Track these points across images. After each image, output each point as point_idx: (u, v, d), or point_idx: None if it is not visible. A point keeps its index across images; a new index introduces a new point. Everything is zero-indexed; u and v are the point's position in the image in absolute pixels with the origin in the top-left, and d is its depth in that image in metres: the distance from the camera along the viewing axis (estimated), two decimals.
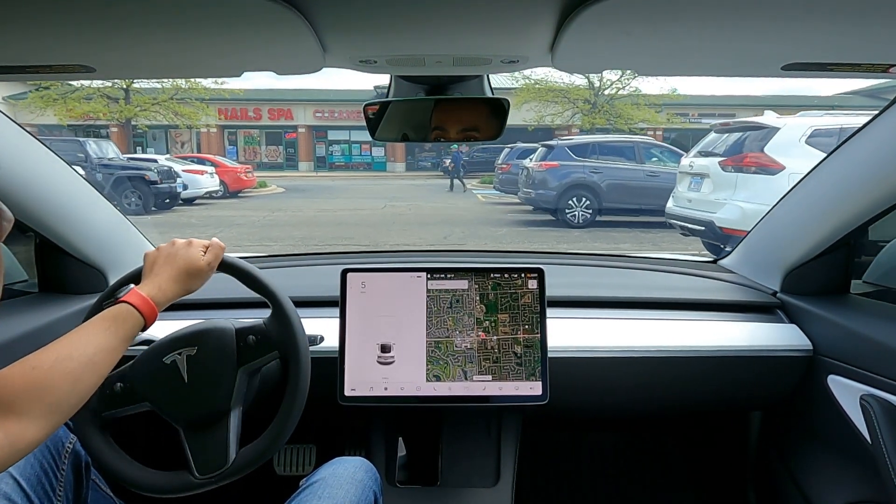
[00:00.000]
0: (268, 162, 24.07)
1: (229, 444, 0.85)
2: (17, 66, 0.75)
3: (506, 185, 11.79)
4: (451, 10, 0.60)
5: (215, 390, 0.87)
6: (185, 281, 0.83)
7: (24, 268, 1.23)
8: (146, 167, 10.30)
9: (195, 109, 17.58)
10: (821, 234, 1.14)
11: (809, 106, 5.21)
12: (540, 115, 19.25)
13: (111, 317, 0.72)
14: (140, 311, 0.74)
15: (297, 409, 0.87)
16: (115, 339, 0.70)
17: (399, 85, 0.99)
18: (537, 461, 1.58)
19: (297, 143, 23.88)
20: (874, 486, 1.01)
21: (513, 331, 1.06)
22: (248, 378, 0.90)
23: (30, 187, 1.04)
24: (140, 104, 17.07)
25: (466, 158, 19.71)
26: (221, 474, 0.84)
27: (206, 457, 0.85)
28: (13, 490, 0.76)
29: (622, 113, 18.69)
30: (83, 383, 0.65)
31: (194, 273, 0.84)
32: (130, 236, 1.34)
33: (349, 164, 24.33)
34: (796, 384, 1.17)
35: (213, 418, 0.86)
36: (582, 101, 19.12)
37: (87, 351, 0.66)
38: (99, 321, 0.71)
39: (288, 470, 1.49)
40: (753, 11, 0.57)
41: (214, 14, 0.59)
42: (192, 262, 0.84)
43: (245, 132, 24.11)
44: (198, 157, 14.70)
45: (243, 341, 0.89)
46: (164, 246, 0.87)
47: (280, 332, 0.89)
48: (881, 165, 0.98)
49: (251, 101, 22.51)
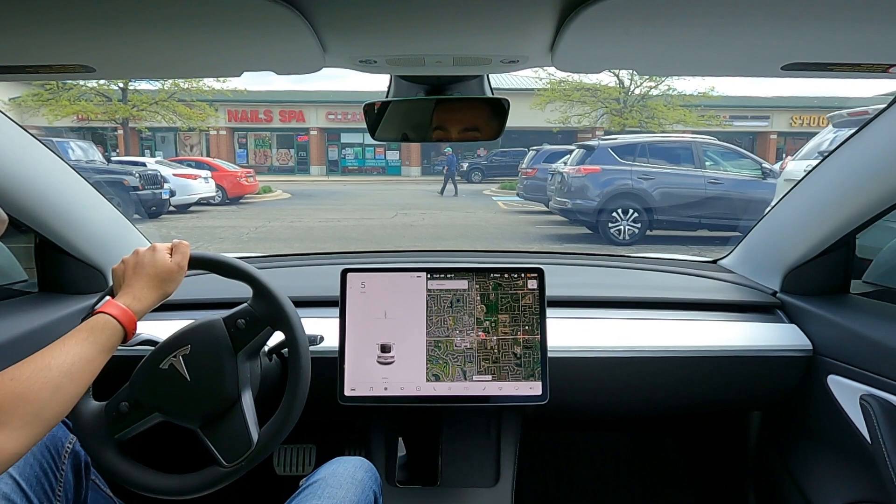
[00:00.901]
0: (279, 165, 23.46)
1: (248, 426, 0.85)
2: (17, 66, 0.75)
3: (531, 191, 10.45)
4: (450, 10, 0.60)
5: (220, 380, 0.87)
6: (159, 286, 0.83)
7: (24, 268, 1.23)
8: (126, 172, 9.28)
9: (197, 110, 16.92)
10: (821, 234, 1.14)
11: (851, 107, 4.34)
12: (565, 115, 18.09)
13: (88, 328, 0.73)
14: (118, 320, 0.75)
15: (304, 373, 0.88)
16: (93, 348, 0.71)
17: (399, 85, 0.99)
18: (537, 461, 1.58)
19: (309, 146, 23.09)
20: (874, 486, 1.01)
21: (513, 331, 1.05)
22: (248, 361, 0.90)
23: (30, 187, 1.04)
24: (136, 103, 16.29)
25: (485, 162, 19.30)
26: (249, 456, 0.84)
27: (229, 444, 0.85)
28: (13, 490, 0.76)
29: (655, 113, 17.33)
30: (63, 392, 0.65)
31: (166, 277, 0.84)
32: (130, 236, 1.34)
33: (363, 168, 23.47)
34: (796, 384, 1.17)
35: (225, 407, 0.86)
36: (612, 101, 17.74)
37: (65, 360, 0.67)
38: (76, 332, 0.72)
39: (288, 470, 1.49)
40: (753, 11, 0.57)
41: (214, 14, 0.59)
42: (160, 267, 0.84)
43: (256, 135, 23.42)
44: (195, 161, 13.70)
45: (234, 327, 0.89)
46: (128, 257, 0.87)
47: (265, 306, 0.90)
48: (881, 165, 0.98)
49: (262, 103, 21.81)
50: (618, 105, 17.65)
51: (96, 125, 17.94)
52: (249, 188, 13.26)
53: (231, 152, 22.32)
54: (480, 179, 18.74)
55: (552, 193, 8.26)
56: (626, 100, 17.61)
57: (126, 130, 17.32)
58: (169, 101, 16.42)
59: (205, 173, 11.50)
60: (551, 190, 8.37)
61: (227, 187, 12.44)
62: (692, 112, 17.51)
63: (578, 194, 7.43)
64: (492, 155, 19.83)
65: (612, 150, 7.52)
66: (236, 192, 12.75)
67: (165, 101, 16.39)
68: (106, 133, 20.32)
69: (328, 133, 23.04)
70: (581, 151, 7.89)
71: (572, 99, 17.57)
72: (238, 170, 13.56)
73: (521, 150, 18.77)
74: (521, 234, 8.35)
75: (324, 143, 23.13)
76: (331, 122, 22.50)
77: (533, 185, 10.34)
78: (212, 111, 17.39)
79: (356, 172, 23.15)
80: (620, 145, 7.76)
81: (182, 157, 15.69)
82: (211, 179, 11.56)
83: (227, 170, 13.16)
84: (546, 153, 10.93)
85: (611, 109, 17.78)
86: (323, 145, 23.13)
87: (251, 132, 23.21)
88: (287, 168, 23.29)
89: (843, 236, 1.11)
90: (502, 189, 15.67)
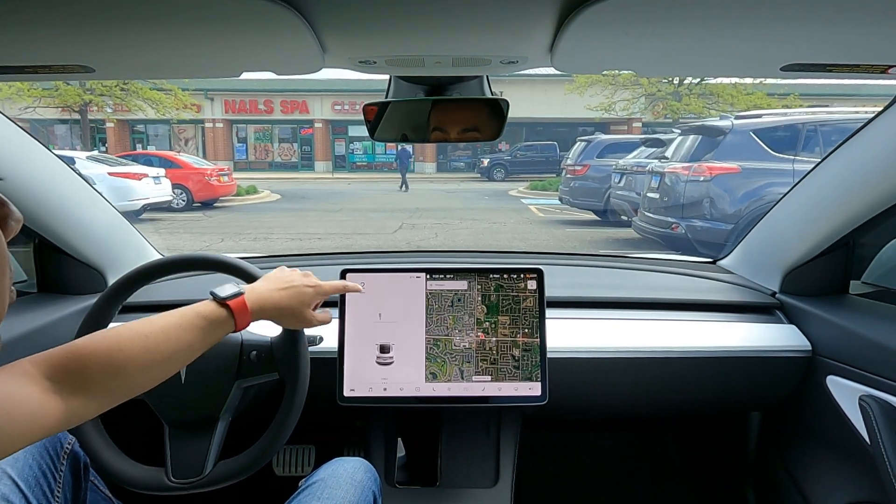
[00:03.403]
0: (281, 161, 21.33)
1: (209, 454, 0.85)
2: (17, 66, 0.75)
3: (581, 195, 8.13)
4: (450, 11, 0.60)
5: (208, 398, 0.87)
6: (281, 316, 0.81)
7: (24, 268, 1.23)
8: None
9: (172, 97, 14.37)
10: (820, 235, 1.14)
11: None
12: (609, 100, 15.07)
13: (209, 318, 0.70)
14: (235, 321, 0.73)
15: (285, 433, 0.87)
16: (204, 341, 0.69)
17: (398, 85, 0.99)
18: (537, 462, 1.58)
19: (314, 140, 20.76)
20: (873, 487, 1.01)
21: (512, 333, 1.05)
22: (242, 392, 0.90)
23: (29, 188, 1.04)
24: (92, 87, 13.72)
25: (508, 157, 17.21)
26: (194, 483, 0.84)
27: (184, 462, 0.85)
28: (11, 491, 0.76)
29: (722, 95, 14.08)
30: (153, 376, 0.64)
31: (291, 316, 0.82)
32: (130, 237, 1.34)
33: (372, 165, 21.13)
34: (795, 385, 1.17)
35: (200, 424, 0.86)
36: (667, 82, 14.60)
37: (174, 347, 0.65)
38: (196, 318, 0.69)
39: (287, 470, 1.49)
40: (753, 12, 0.57)
41: (214, 14, 0.59)
42: (302, 308, 0.81)
43: (255, 127, 21.13)
44: (158, 156, 11.51)
45: (246, 355, 0.89)
46: (301, 273, 0.85)
47: (285, 354, 0.89)
48: (881, 165, 0.98)
49: (261, 93, 19.55)
50: (671, 87, 14.68)
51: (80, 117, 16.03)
52: (223, 189, 11.13)
53: (229, 147, 20.67)
54: (503, 177, 16.67)
55: (644, 207, 5.27)
56: (681, 82, 14.51)
57: (84, 119, 14.92)
58: (130, 85, 13.94)
59: (155, 172, 9.29)
60: (623, 196, 5.92)
61: (192, 189, 10.39)
62: (771, 97, 14.10)
63: (697, 209, 4.51)
64: (515, 149, 17.65)
65: (756, 137, 4.44)
66: (205, 195, 10.66)
67: (124, 86, 13.92)
68: (97, 126, 18.57)
69: (334, 125, 20.86)
70: (694, 139, 4.83)
71: (616, 84, 14.63)
72: (209, 167, 11.31)
73: (549, 144, 17.23)
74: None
75: (329, 136, 21.01)
76: (337, 114, 20.24)
77: (583, 188, 8.05)
78: (185, 97, 14.90)
79: (365, 169, 21.04)
80: (770, 128, 4.56)
81: (139, 152, 13.76)
82: (164, 179, 9.41)
83: (194, 167, 10.94)
84: (601, 145, 8.49)
85: (662, 94, 14.95)
86: (328, 139, 21.01)
87: (251, 124, 21.12)
88: (290, 164, 21.29)
89: (843, 237, 1.11)
90: (532, 189, 13.27)
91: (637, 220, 5.50)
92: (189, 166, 10.83)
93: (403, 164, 14.94)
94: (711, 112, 14.02)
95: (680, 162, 4.78)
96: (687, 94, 14.54)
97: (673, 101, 14.69)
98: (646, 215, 5.01)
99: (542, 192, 12.44)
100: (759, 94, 14.18)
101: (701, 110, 14.32)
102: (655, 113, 16.01)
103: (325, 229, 8.08)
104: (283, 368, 0.89)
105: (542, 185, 13.13)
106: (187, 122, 18.66)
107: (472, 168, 20.01)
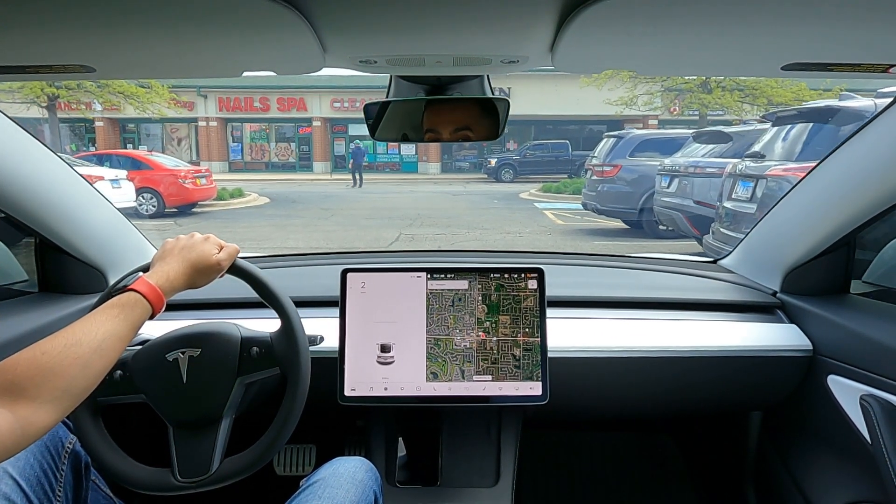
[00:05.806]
0: (278, 162, 20.60)
1: (215, 451, 0.85)
2: (17, 66, 0.75)
3: (609, 200, 6.97)
4: (450, 11, 0.60)
5: (211, 396, 0.87)
6: (193, 276, 0.84)
7: (25, 267, 1.23)
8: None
9: (151, 93, 13.28)
10: (821, 234, 1.14)
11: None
12: (630, 94, 13.85)
13: (120, 304, 0.72)
14: (148, 300, 0.75)
15: (289, 427, 0.87)
16: (124, 325, 0.71)
17: (399, 85, 0.99)
18: (537, 461, 1.58)
19: (312, 140, 19.92)
20: (874, 487, 1.01)
21: (513, 333, 1.05)
22: (244, 388, 0.90)
23: (30, 187, 1.04)
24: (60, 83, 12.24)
25: (517, 157, 16.39)
26: (202, 481, 0.84)
27: (190, 461, 0.85)
28: (12, 490, 0.76)
29: (759, 87, 12.67)
30: (92, 368, 0.66)
31: (204, 269, 0.84)
32: (131, 236, 1.34)
33: (373, 165, 20.02)
34: (796, 384, 1.17)
35: (204, 423, 0.86)
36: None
37: (96, 337, 0.67)
38: (107, 308, 0.71)
39: (288, 470, 1.49)
40: (753, 11, 0.57)
41: (214, 14, 0.59)
42: (204, 258, 0.84)
43: (251, 126, 20.36)
44: (127, 156, 10.45)
45: (247, 352, 0.89)
46: (184, 237, 0.87)
47: (285, 349, 0.89)
48: (881, 165, 0.98)
49: (257, 89, 18.80)
50: (701, 78, 13.05)
51: (74, 116, 15.45)
52: (200, 193, 10.01)
53: (223, 146, 19.98)
54: (512, 178, 15.96)
55: (719, 221, 4.08)
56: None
57: (53, 115, 13.59)
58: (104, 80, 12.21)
59: (114, 174, 8.50)
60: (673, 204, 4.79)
61: (163, 192, 9.40)
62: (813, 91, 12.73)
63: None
64: (525, 148, 16.72)
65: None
66: (179, 200, 9.65)
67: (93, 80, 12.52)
68: (86, 125, 18.04)
69: (333, 124, 20.04)
70: (802, 129, 3.62)
71: (637, 77, 12.67)
72: (184, 168, 10.25)
73: (561, 143, 16.43)
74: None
75: (328, 135, 20.12)
76: (336, 112, 19.41)
77: (613, 192, 6.90)
78: (164, 90, 13.89)
79: (366, 169, 19.27)
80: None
81: (101, 152, 12.57)
82: (125, 182, 8.59)
83: (167, 168, 9.85)
84: (634, 142, 7.20)
85: (692, 85, 13.52)
86: (327, 138, 20.14)
87: (246, 123, 20.33)
88: (288, 164, 20.58)
89: (844, 236, 1.11)
90: (545, 192, 12.21)
91: (711, 238, 4.18)
92: (161, 167, 9.82)
93: (357, 163, 14.98)
94: (744, 107, 13.10)
95: (794, 162, 3.49)
96: (716, 86, 13.12)
97: (703, 94, 13.23)
98: (726, 234, 3.72)
99: (558, 196, 11.44)
100: (801, 86, 12.77)
101: (732, 104, 13.11)
102: (677, 108, 14.67)
103: (306, 242, 7.02)
104: (283, 362, 0.89)
105: (555, 187, 12.22)
106: (179, 121, 18.02)
107: (478, 168, 19.48)
